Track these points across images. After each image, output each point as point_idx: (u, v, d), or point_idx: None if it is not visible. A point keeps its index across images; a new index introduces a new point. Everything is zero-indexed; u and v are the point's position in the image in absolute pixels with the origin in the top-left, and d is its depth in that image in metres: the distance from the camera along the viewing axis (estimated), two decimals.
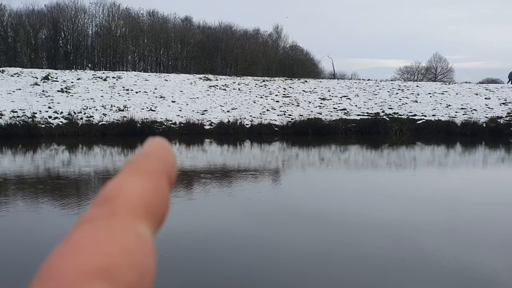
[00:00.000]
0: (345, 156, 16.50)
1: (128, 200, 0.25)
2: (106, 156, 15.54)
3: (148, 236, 0.25)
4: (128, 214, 0.25)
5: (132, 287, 0.22)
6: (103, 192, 0.26)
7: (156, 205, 0.27)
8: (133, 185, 0.26)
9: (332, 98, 28.38)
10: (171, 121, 22.44)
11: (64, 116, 21.60)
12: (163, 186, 0.28)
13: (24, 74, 27.80)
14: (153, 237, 0.26)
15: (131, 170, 0.27)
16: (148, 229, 0.25)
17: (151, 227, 0.26)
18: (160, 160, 0.29)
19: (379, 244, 6.09)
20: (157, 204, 0.27)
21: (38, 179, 10.92)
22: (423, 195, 9.46)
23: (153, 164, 0.28)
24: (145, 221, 0.25)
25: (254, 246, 5.99)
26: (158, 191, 0.27)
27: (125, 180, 0.27)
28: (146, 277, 0.23)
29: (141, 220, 0.25)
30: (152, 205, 0.26)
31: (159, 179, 0.28)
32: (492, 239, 6.42)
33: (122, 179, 0.27)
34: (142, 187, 0.26)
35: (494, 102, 28.40)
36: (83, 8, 49.77)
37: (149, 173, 0.27)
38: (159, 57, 53.16)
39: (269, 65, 55.32)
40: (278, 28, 63.68)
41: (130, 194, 0.26)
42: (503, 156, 17.63)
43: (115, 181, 0.27)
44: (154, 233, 0.26)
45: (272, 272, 5.10)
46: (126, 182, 0.26)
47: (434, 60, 66.92)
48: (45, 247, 5.69)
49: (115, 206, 0.25)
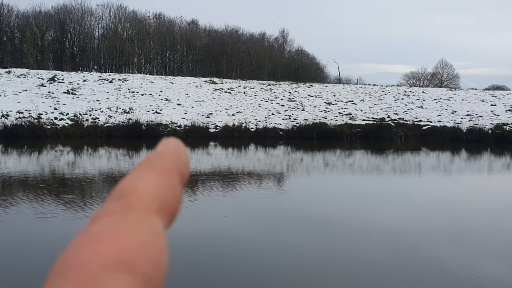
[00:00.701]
0: (349, 161, 16.45)
1: (143, 195, 0.26)
2: (111, 158, 15.57)
3: (162, 230, 0.26)
4: (143, 208, 0.26)
5: (148, 279, 0.23)
6: (119, 188, 0.27)
7: (169, 202, 0.27)
8: (148, 182, 0.27)
9: (337, 103, 28.34)
10: (176, 123, 22.48)
11: (69, 117, 21.68)
12: (176, 184, 0.29)
13: (30, 75, 27.96)
14: (166, 232, 0.26)
15: (146, 167, 0.28)
16: (161, 224, 0.26)
17: (164, 222, 0.27)
18: (174, 159, 0.30)
19: (382, 250, 6.06)
20: (170, 200, 0.28)
21: (42, 180, 10.94)
22: (427, 201, 9.42)
23: (167, 162, 0.29)
24: (159, 216, 0.26)
25: (257, 250, 5.97)
26: (172, 188, 0.28)
27: (140, 176, 0.28)
28: (160, 270, 0.24)
29: (155, 215, 0.26)
30: (165, 201, 0.27)
31: (173, 177, 0.29)
32: (496, 246, 6.37)
33: (137, 176, 0.28)
34: (157, 183, 0.27)
35: (500, 108, 28.28)
36: (90, 10, 50.06)
37: (163, 171, 0.28)
38: (165, 59, 53.32)
39: (274, 69, 55.36)
40: (284, 32, 63.80)
41: (145, 189, 0.27)
42: (509, 163, 17.53)
43: (131, 177, 0.28)
44: (167, 228, 0.27)
45: (276, 277, 5.08)
46: (141, 179, 0.27)
47: (440, 66, 66.84)
48: (47, 247, 5.70)
49: (131, 201, 0.26)
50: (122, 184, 0.27)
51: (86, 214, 7.48)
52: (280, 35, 63.65)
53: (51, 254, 5.47)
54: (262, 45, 58.56)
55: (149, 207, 0.26)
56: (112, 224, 0.24)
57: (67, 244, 0.23)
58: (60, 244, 5.75)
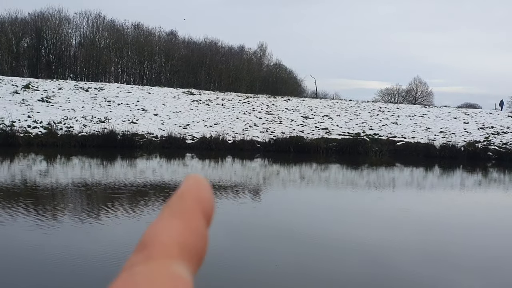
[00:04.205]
0: (325, 175, 16.56)
1: (162, 243, 0.27)
2: (84, 168, 15.31)
3: (185, 274, 0.26)
4: (162, 256, 0.26)
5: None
6: (141, 239, 0.27)
7: (192, 244, 0.27)
8: (167, 228, 0.27)
9: (314, 117, 28.60)
10: (153, 134, 22.29)
11: (43, 125, 21.28)
12: (199, 224, 0.29)
13: (4, 82, 27.38)
14: (192, 276, 0.26)
15: (167, 213, 0.29)
16: (185, 268, 0.26)
17: (189, 266, 0.27)
18: (195, 199, 0.30)
19: (356, 262, 6.08)
20: (193, 242, 0.28)
21: (12, 189, 10.67)
22: (401, 216, 9.53)
23: (188, 203, 0.29)
24: (181, 261, 0.26)
25: (232, 259, 5.93)
26: (194, 230, 0.28)
27: (161, 224, 0.28)
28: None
29: (177, 260, 0.26)
30: (188, 244, 0.27)
31: (195, 218, 0.29)
32: (468, 260, 6.48)
33: (158, 224, 0.28)
34: (177, 228, 0.27)
35: (472, 126, 28.98)
36: (67, 18, 49.55)
37: (184, 214, 0.28)
38: (143, 69, 53.02)
39: (252, 82, 55.63)
40: (262, 46, 64.35)
41: (165, 237, 0.27)
42: (480, 180, 17.91)
43: (152, 226, 0.28)
44: (194, 271, 0.27)
45: (249, 285, 5.05)
46: (161, 226, 0.28)
47: (414, 83, 68.26)
48: (13, 258, 5.54)
49: (151, 250, 0.26)
50: (144, 235, 0.28)
51: (48, 223, 7.31)
52: (259, 48, 64.18)
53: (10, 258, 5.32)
54: (241, 57, 58.88)
55: (169, 254, 0.26)
56: (132, 277, 0.25)
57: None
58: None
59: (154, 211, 8.64)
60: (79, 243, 6.35)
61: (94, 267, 5.35)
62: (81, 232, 6.94)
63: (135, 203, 9.59)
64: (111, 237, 6.77)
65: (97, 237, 6.78)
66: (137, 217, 8.14)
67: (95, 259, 5.59)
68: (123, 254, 5.76)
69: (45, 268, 5.35)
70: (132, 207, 9.13)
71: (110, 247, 6.14)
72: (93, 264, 5.43)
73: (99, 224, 7.54)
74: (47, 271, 5.30)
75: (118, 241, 6.52)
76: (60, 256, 5.67)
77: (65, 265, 5.38)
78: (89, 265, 5.39)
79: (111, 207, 8.97)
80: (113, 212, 8.38)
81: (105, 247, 6.12)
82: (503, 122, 30.33)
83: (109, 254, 5.79)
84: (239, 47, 61.38)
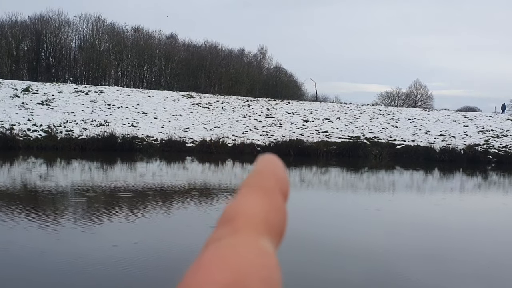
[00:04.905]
0: (325, 178, 16.55)
1: (248, 217, 0.27)
2: (84, 171, 15.29)
3: (271, 250, 0.26)
4: (249, 230, 0.26)
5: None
6: (224, 214, 0.28)
7: (274, 220, 0.28)
8: (251, 204, 0.28)
9: (314, 120, 28.61)
10: (153, 137, 22.28)
11: (43, 129, 21.27)
12: (279, 202, 0.29)
13: (4, 85, 27.39)
14: (275, 251, 0.27)
15: (248, 189, 0.29)
16: (270, 244, 0.26)
17: (272, 242, 0.27)
18: (273, 176, 0.30)
19: (356, 267, 6.06)
20: (276, 219, 0.28)
21: (11, 193, 10.66)
22: (401, 220, 9.51)
23: (267, 181, 0.30)
24: (266, 236, 0.27)
25: None
26: (275, 207, 0.28)
27: (243, 199, 0.28)
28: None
29: (262, 235, 0.26)
30: (270, 220, 0.27)
31: (274, 195, 0.29)
32: (469, 266, 6.46)
33: (241, 199, 0.28)
34: (260, 204, 0.28)
35: (472, 129, 28.98)
36: (67, 21, 49.61)
37: (265, 190, 0.29)
38: (143, 73, 53.06)
39: (253, 85, 55.66)
40: (262, 49, 64.46)
41: (250, 211, 0.27)
42: (480, 183, 17.90)
43: (235, 201, 0.28)
44: (276, 247, 0.27)
45: None
46: (244, 202, 0.28)
47: (414, 86, 68.39)
48: (17, 259, 5.52)
49: (236, 224, 0.26)
50: (226, 209, 0.28)
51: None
52: (259, 52, 64.31)
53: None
54: (241, 61, 58.95)
55: (256, 228, 0.26)
56: (221, 249, 0.25)
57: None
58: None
59: (164, 215, 8.63)
60: (86, 250, 6.33)
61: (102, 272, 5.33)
62: (86, 237, 6.92)
63: (140, 207, 9.57)
64: (117, 242, 6.75)
65: (104, 241, 6.76)
66: (148, 221, 8.12)
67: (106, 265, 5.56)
68: (135, 259, 5.75)
69: (52, 278, 5.33)
70: (138, 211, 9.10)
71: (116, 252, 6.11)
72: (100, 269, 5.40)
73: (108, 228, 7.52)
74: (55, 281, 5.28)
75: (126, 248, 6.50)
76: (67, 263, 5.64)
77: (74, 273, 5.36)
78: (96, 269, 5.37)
79: (116, 211, 8.95)
80: (118, 217, 8.36)
81: (113, 252, 6.10)
82: (502, 125, 30.34)
83: (121, 260, 5.77)
84: (239, 50, 61.51)
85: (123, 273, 5.30)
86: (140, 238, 6.86)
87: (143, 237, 6.97)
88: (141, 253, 6.07)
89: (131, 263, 5.60)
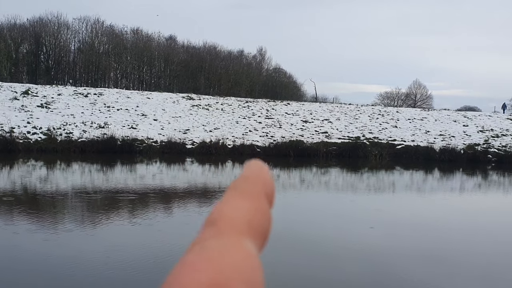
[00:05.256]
0: (325, 179, 16.55)
1: (232, 219, 0.28)
2: (84, 174, 15.29)
3: (254, 251, 0.27)
4: (233, 232, 0.27)
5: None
6: (210, 216, 0.28)
7: (259, 223, 0.28)
8: (236, 206, 0.28)
9: (314, 121, 28.61)
10: (152, 139, 22.28)
11: (43, 131, 21.27)
12: (264, 205, 0.30)
13: (3, 88, 27.38)
14: (258, 254, 0.27)
15: (234, 192, 0.30)
16: (253, 246, 0.27)
17: (256, 244, 0.28)
18: (259, 181, 0.31)
19: (356, 268, 6.06)
20: (260, 222, 0.29)
21: (11, 196, 10.65)
22: (401, 220, 9.51)
23: (253, 185, 0.30)
24: (250, 239, 0.27)
25: None
26: (260, 210, 0.29)
27: (229, 202, 0.29)
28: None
29: (246, 237, 0.27)
30: (255, 223, 0.28)
31: (260, 199, 0.30)
32: (469, 266, 6.46)
33: (226, 202, 0.29)
34: (245, 207, 0.29)
35: (472, 129, 28.99)
36: (66, 24, 49.59)
37: (250, 194, 0.30)
38: (142, 75, 53.03)
39: (252, 87, 55.62)
40: (262, 50, 64.42)
41: (234, 214, 0.28)
42: (480, 182, 17.90)
43: (220, 204, 0.29)
44: (260, 249, 0.28)
45: None
46: (229, 204, 0.29)
47: (413, 86, 68.32)
48: (19, 262, 5.52)
49: (220, 226, 0.27)
50: (212, 212, 0.29)
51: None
52: (258, 53, 64.26)
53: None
54: (240, 62, 58.90)
55: (239, 230, 0.27)
56: (205, 250, 0.25)
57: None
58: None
59: (167, 217, 8.63)
60: (90, 253, 6.33)
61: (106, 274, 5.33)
62: (93, 240, 6.92)
63: (142, 209, 9.57)
64: (122, 245, 6.75)
65: (108, 245, 6.76)
66: (149, 224, 8.12)
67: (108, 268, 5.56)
68: (140, 262, 5.75)
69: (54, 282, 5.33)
70: (138, 214, 9.10)
71: (121, 255, 6.11)
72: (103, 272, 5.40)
73: (112, 230, 7.52)
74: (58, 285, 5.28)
75: (132, 251, 6.50)
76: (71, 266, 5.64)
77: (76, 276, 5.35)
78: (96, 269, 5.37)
79: (120, 214, 8.95)
80: (123, 220, 8.36)
81: (120, 255, 6.09)
82: (502, 125, 30.35)
83: (126, 262, 5.77)
84: (239, 52, 61.46)
85: (128, 276, 5.30)
86: (144, 240, 6.86)
87: (147, 239, 6.97)
88: (146, 256, 6.07)
89: (136, 267, 5.60)
